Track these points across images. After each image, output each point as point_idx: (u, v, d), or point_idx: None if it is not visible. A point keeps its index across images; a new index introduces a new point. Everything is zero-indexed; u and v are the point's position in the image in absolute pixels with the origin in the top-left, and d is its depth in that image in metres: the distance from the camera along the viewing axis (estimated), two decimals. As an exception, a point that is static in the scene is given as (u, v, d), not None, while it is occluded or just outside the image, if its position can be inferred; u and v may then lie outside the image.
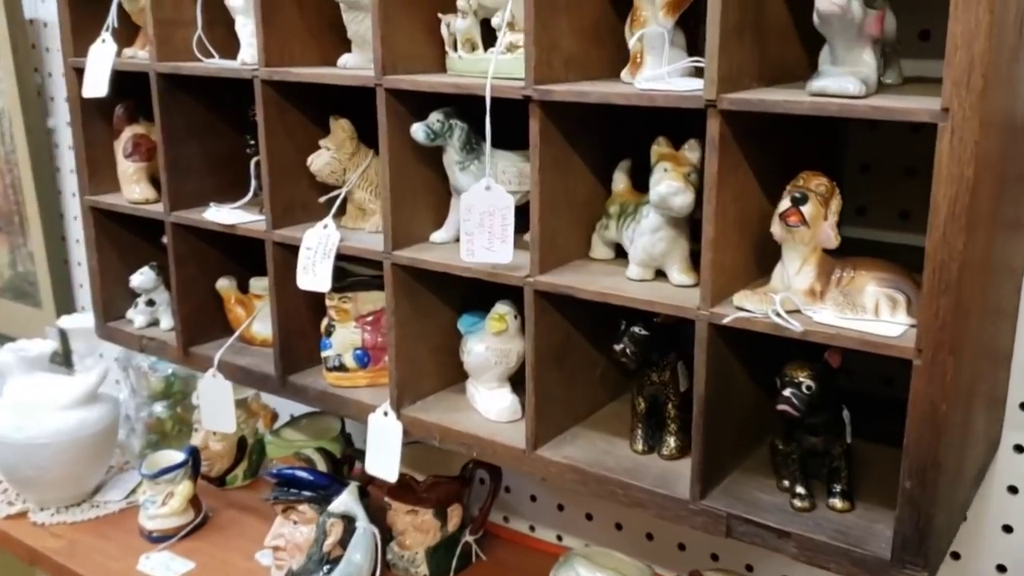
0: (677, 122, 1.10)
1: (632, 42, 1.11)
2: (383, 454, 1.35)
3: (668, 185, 1.05)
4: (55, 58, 2.36)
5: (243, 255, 1.62)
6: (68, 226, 2.56)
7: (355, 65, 1.35)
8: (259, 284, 1.60)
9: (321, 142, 1.37)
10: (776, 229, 1.02)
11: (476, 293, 1.33)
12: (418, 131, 1.22)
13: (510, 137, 1.19)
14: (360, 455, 1.75)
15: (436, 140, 1.23)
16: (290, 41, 1.36)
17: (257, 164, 1.49)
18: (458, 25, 1.23)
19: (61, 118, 2.44)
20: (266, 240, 1.41)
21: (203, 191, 1.57)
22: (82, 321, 2.26)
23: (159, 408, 2.07)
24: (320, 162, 1.36)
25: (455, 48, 1.26)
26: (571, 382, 1.26)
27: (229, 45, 1.52)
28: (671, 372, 1.19)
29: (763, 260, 1.15)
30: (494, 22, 1.20)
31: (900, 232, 1.30)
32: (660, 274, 1.14)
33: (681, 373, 1.20)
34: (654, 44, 1.10)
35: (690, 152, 1.09)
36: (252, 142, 1.48)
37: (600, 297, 1.11)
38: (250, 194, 1.52)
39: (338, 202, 1.37)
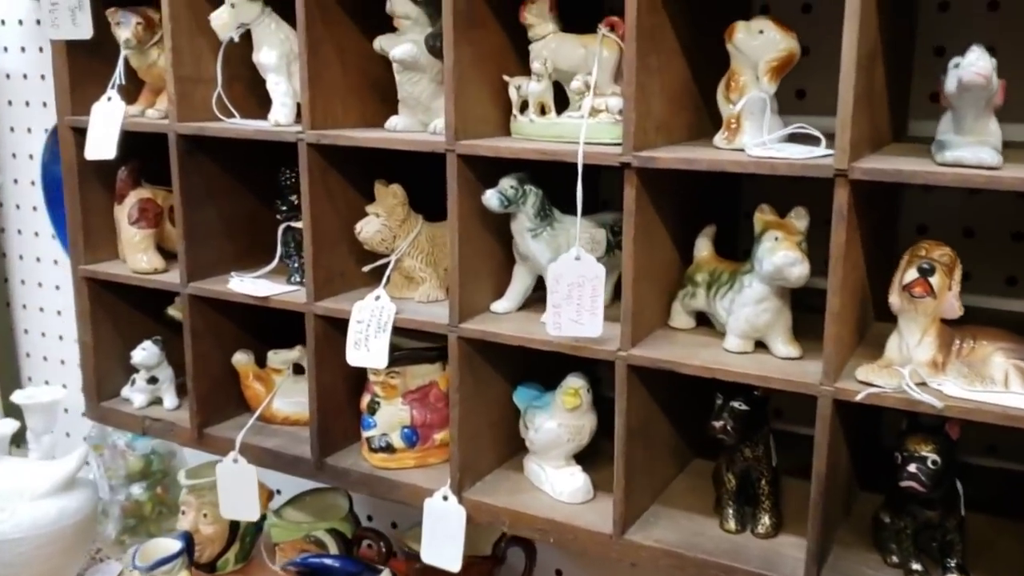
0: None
1: (734, 107, 1.07)
2: (444, 542, 1.25)
3: (785, 256, 1.02)
4: (18, 112, 2.18)
5: (259, 327, 1.51)
6: (13, 291, 2.36)
7: (405, 127, 1.28)
8: (278, 358, 1.49)
9: (369, 208, 1.29)
10: (896, 300, 0.99)
11: (533, 364, 1.26)
12: (492, 198, 1.15)
13: (562, 198, 1.15)
14: (373, 534, 1.65)
15: (509, 207, 1.16)
16: (332, 101, 1.28)
17: (287, 230, 1.40)
18: (531, 88, 1.17)
19: (8, 175, 2.27)
20: (307, 313, 1.31)
21: (220, 259, 1.46)
22: (38, 396, 2.09)
23: (137, 490, 1.92)
24: (371, 230, 1.28)
25: (522, 110, 1.20)
26: (654, 459, 1.20)
27: (247, 103, 1.43)
28: (764, 447, 1.15)
29: (864, 329, 1.13)
30: (573, 86, 1.15)
31: (1005, 298, 1.29)
32: (758, 344, 1.10)
33: (773, 448, 1.16)
34: (754, 109, 1.07)
35: (798, 220, 1.05)
36: (284, 206, 1.38)
37: (706, 372, 1.06)
38: (275, 261, 1.42)
39: (388, 272, 1.29)
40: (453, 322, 1.20)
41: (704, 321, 1.19)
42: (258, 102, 1.43)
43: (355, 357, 1.26)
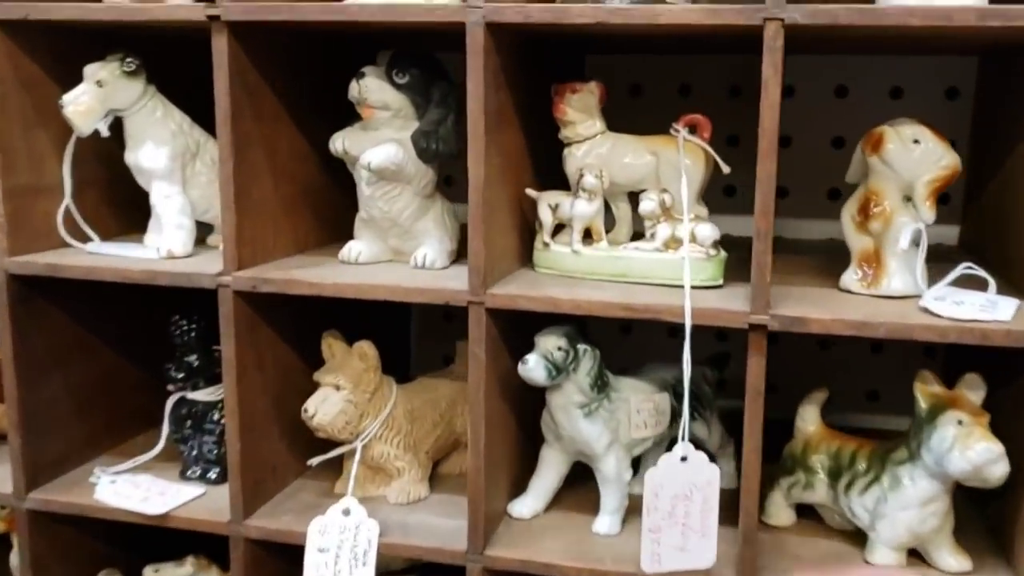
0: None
1: (888, 244, 0.79)
2: None
3: (987, 451, 0.73)
4: None
5: (129, 540, 1.05)
6: None
7: (371, 257, 0.90)
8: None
9: (323, 378, 0.89)
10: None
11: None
12: (536, 369, 0.80)
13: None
14: None
15: (557, 377, 0.81)
16: (262, 225, 0.88)
17: (180, 403, 0.96)
18: (579, 209, 0.83)
19: None
20: (231, 537, 0.88)
21: (69, 449, 0.99)
22: None
23: None
24: (330, 411, 0.88)
25: (551, 235, 0.86)
26: None
27: (104, 216, 0.99)
28: None
29: None
30: (645, 207, 0.82)
31: None
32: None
33: None
34: (904, 242, 0.79)
35: (973, 392, 0.78)
36: (178, 372, 0.94)
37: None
38: (159, 444, 0.98)
39: (356, 467, 0.89)
40: (475, 550, 0.82)
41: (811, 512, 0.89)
42: (118, 213, 1.00)
43: (321, 607, 0.85)
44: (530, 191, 0.86)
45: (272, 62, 0.88)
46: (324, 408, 0.88)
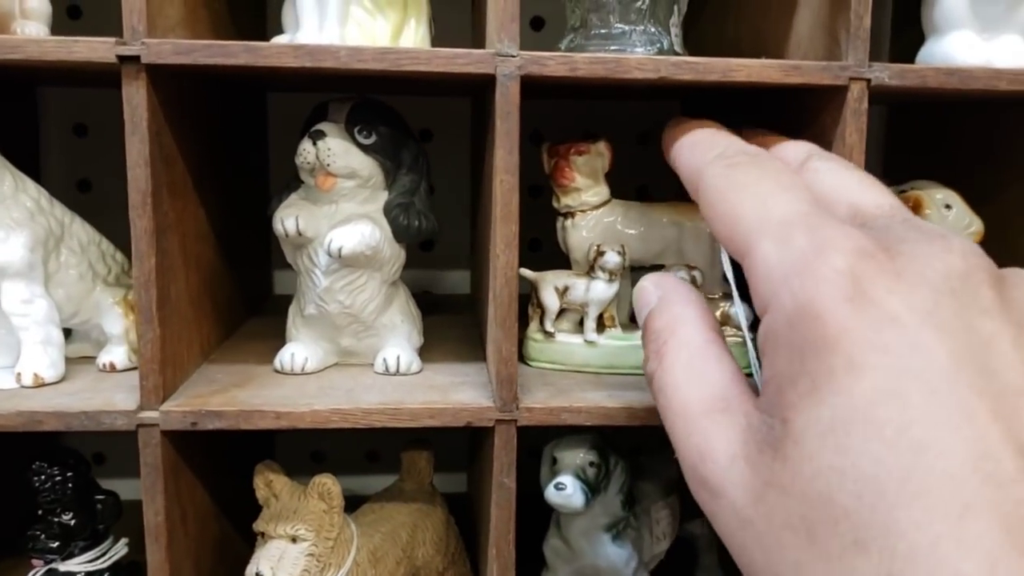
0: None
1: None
2: None
3: None
4: None
5: None
6: None
7: (317, 366, 0.70)
8: None
9: (272, 527, 0.67)
10: None
11: None
12: (574, 495, 0.66)
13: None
14: None
15: (592, 500, 0.67)
16: (178, 340, 0.66)
17: (47, 582, 0.70)
18: (598, 293, 0.69)
19: None
20: None
21: None
22: None
23: None
24: (294, 571, 0.66)
25: (542, 322, 0.72)
26: None
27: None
28: None
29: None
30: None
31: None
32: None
33: None
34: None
35: None
36: (51, 542, 0.68)
37: None
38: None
39: (322, 639, 0.69)
40: None
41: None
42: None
43: None
44: (526, 272, 0.71)
45: (188, 117, 0.66)
46: (284, 569, 0.66)
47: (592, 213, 0.72)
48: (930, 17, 0.71)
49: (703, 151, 0.42)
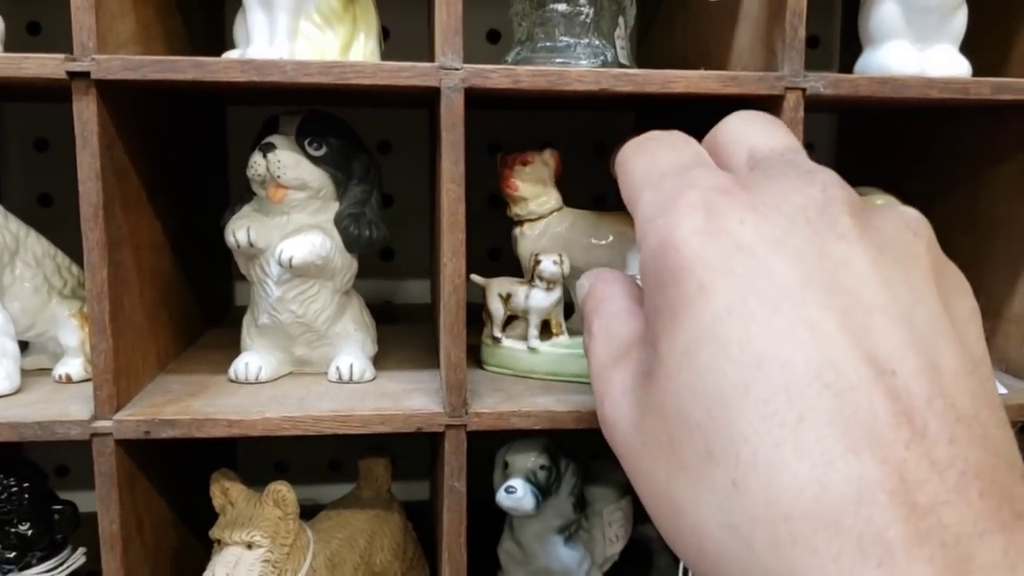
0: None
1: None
2: None
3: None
4: None
5: None
6: None
7: (271, 375, 0.72)
8: None
9: (228, 534, 0.68)
10: None
11: None
12: (524, 498, 0.67)
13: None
14: None
15: (543, 503, 0.69)
16: (132, 351, 0.66)
17: (4, 593, 0.71)
18: (536, 301, 0.71)
19: None
20: None
21: None
22: None
23: None
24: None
25: (501, 328, 0.73)
26: None
27: None
28: None
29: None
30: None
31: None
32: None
33: None
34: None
35: None
36: (7, 552, 0.69)
37: None
38: (-33, 656, 0.71)
39: (279, 644, 0.70)
40: None
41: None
42: None
43: None
44: (476, 278, 0.73)
45: (140, 131, 0.67)
46: (240, 575, 0.68)
47: (541, 222, 0.73)
48: (866, 28, 0.73)
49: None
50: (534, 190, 0.72)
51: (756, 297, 0.28)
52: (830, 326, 0.28)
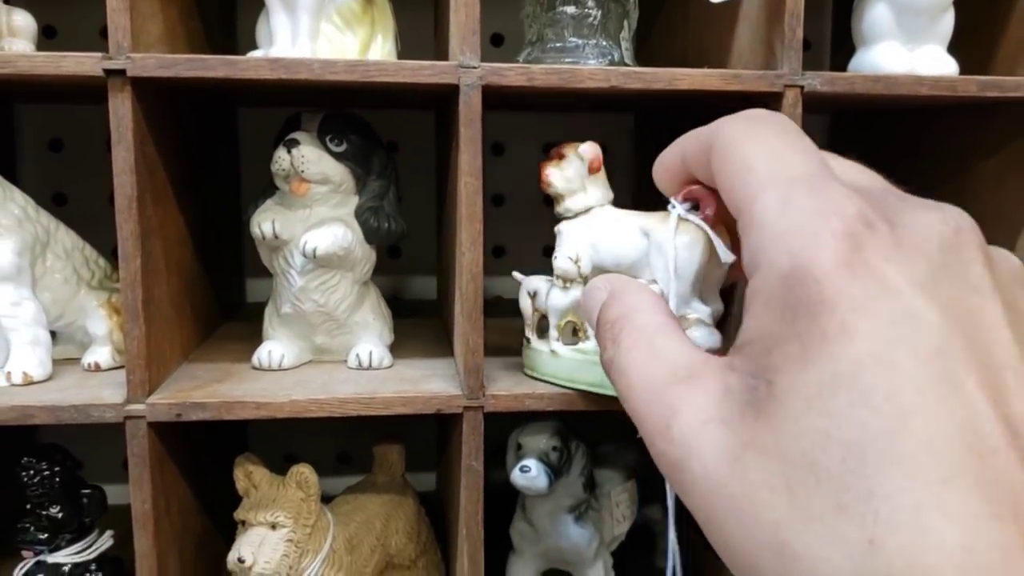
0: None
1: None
2: None
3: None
4: None
5: None
6: None
7: (293, 362, 0.74)
8: None
9: (253, 515, 0.71)
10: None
11: None
12: (537, 477, 0.70)
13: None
14: None
15: (556, 483, 0.72)
16: (160, 338, 0.69)
17: (32, 570, 0.73)
18: (553, 301, 0.71)
19: None
20: None
21: None
22: None
23: None
24: (274, 556, 0.70)
25: (534, 329, 0.75)
26: None
27: None
28: None
29: None
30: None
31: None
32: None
33: None
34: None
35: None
36: (40, 534, 0.71)
37: None
38: (-3, 636, 0.73)
39: (302, 621, 0.73)
40: None
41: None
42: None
43: None
44: (516, 274, 0.75)
45: (167, 129, 0.70)
46: (264, 554, 0.70)
47: (574, 221, 0.71)
48: (859, 29, 0.76)
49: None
50: (570, 187, 0.69)
51: (902, 345, 0.27)
52: (972, 384, 0.27)
